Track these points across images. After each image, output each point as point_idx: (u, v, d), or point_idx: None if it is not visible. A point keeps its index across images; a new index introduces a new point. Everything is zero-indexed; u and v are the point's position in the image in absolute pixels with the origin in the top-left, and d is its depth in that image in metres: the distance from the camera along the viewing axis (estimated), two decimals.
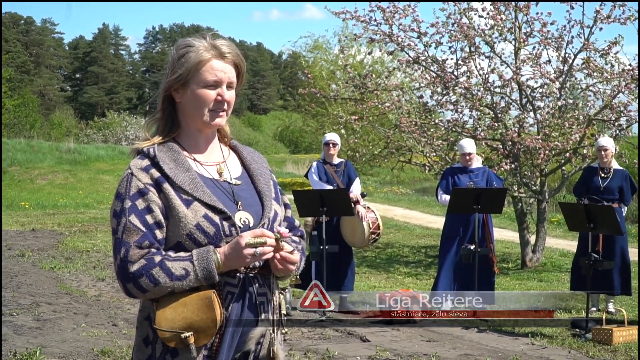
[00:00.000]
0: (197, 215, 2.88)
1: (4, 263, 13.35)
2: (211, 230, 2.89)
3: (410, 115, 15.67)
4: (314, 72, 29.63)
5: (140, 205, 2.88)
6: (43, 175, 37.99)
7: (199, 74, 2.96)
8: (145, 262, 2.81)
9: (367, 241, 10.78)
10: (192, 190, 2.91)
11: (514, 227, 19.55)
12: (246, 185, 3.11)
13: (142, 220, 2.86)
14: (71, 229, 19.08)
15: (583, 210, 9.38)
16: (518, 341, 8.90)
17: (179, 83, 2.99)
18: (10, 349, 7.74)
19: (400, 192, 36.73)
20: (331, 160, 10.87)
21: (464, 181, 10.83)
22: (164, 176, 2.92)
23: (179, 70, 2.97)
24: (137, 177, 2.92)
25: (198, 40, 3.00)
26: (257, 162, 3.22)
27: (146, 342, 2.95)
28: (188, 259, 2.82)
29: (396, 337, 9.04)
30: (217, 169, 3.08)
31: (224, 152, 3.18)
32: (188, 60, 2.96)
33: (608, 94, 14.80)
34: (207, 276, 2.82)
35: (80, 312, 9.77)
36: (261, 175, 3.17)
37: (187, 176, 2.94)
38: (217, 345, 2.89)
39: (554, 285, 13.66)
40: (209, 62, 2.97)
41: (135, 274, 2.81)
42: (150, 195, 2.89)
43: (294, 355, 7.95)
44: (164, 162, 2.95)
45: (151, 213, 2.88)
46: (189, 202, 2.90)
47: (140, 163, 2.96)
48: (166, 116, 3.07)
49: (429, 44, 15.43)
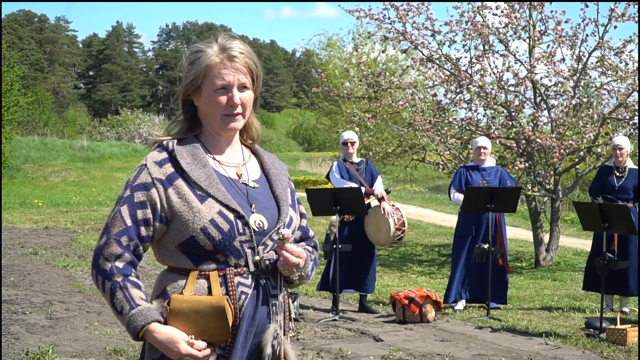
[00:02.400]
0: (212, 211, 2.89)
1: (17, 261, 13.39)
2: (225, 227, 2.88)
3: (424, 114, 15.64)
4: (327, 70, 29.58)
5: (137, 198, 2.91)
6: (56, 172, 38.15)
7: (209, 78, 2.96)
8: (107, 270, 2.87)
9: (392, 239, 10.64)
10: (206, 186, 2.92)
11: (527, 225, 19.49)
12: (263, 189, 3.11)
13: (132, 213, 2.90)
14: (84, 227, 19.10)
15: (597, 210, 9.32)
16: (532, 341, 8.86)
17: (193, 88, 3.00)
18: (22, 347, 7.72)
19: (414, 190, 36.66)
20: (351, 159, 10.81)
21: (477, 179, 10.80)
22: (179, 171, 2.93)
23: (190, 76, 2.99)
24: (149, 170, 2.94)
25: (208, 44, 3.01)
26: (276, 168, 3.21)
27: None
28: (130, 304, 2.85)
29: (409, 336, 9.01)
30: (236, 171, 3.08)
31: (245, 154, 3.18)
32: (198, 65, 2.97)
33: (622, 93, 14.76)
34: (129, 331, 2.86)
35: (92, 310, 9.77)
36: (279, 181, 3.16)
37: (203, 172, 2.95)
38: (230, 345, 2.89)
39: (567, 284, 13.62)
40: (217, 66, 2.96)
41: (99, 269, 2.89)
42: (152, 192, 2.91)
43: (307, 354, 7.91)
44: (182, 156, 2.96)
45: (144, 209, 2.90)
46: (203, 198, 2.91)
47: (157, 156, 2.98)
48: (188, 119, 3.08)
49: (443, 42, 15.41)
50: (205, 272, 2.91)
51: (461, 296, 10.93)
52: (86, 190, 32.67)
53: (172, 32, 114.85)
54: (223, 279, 2.91)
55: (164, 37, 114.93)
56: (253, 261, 2.94)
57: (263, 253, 2.97)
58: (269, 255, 2.98)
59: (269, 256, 2.98)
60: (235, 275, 2.91)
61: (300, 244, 3.18)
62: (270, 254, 2.98)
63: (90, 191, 32.15)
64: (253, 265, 2.94)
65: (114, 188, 33.64)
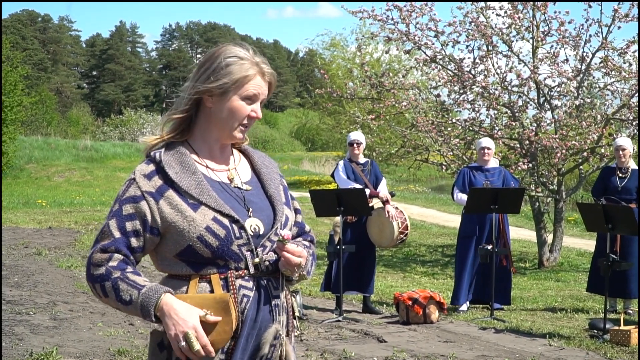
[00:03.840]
0: (206, 218, 2.87)
1: (21, 261, 13.44)
2: (221, 233, 2.88)
3: (427, 114, 15.66)
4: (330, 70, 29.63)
5: (126, 210, 2.89)
6: (60, 172, 38.24)
7: (243, 86, 2.97)
8: (103, 272, 2.84)
9: (395, 241, 10.69)
10: (198, 194, 2.91)
11: (530, 226, 19.51)
12: (256, 190, 3.11)
13: (120, 226, 2.88)
14: (88, 227, 19.15)
15: (601, 211, 9.33)
16: (535, 342, 8.86)
17: (218, 91, 2.97)
18: (27, 348, 7.75)
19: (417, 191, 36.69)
20: (357, 160, 10.83)
21: (480, 180, 10.80)
22: (169, 182, 2.92)
23: (223, 78, 2.95)
24: (138, 184, 2.92)
25: (245, 52, 3.01)
26: (267, 167, 3.21)
27: (161, 347, 2.94)
28: (138, 288, 2.81)
29: (413, 337, 9.02)
30: (227, 175, 3.07)
31: (235, 157, 3.17)
32: (234, 71, 2.96)
33: (626, 93, 14.76)
34: (144, 313, 2.80)
35: (96, 311, 9.78)
36: (271, 180, 3.16)
37: (193, 180, 2.93)
38: (232, 347, 2.89)
39: (571, 285, 13.63)
40: (252, 77, 2.98)
41: (94, 277, 2.86)
42: (142, 204, 2.89)
43: (311, 355, 7.93)
44: (170, 166, 2.94)
45: (133, 220, 2.88)
46: (196, 207, 2.89)
47: (145, 169, 2.96)
48: (188, 118, 3.05)
49: (446, 43, 15.41)
50: (207, 275, 2.90)
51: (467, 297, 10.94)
52: (89, 190, 32.74)
53: (175, 32, 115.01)
54: (225, 282, 2.89)
55: (167, 37, 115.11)
56: (253, 264, 2.94)
57: (262, 254, 2.96)
58: (269, 256, 2.98)
59: (268, 257, 2.97)
60: (236, 278, 2.91)
61: (297, 239, 3.18)
62: (270, 255, 2.98)
63: (94, 191, 32.22)
64: (253, 268, 2.94)
65: (117, 188, 33.58)
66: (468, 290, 10.86)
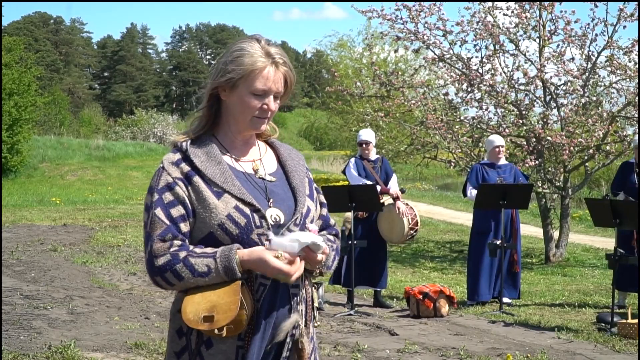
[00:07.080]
0: (228, 207, 2.92)
1: (37, 257, 13.54)
2: (242, 221, 2.92)
3: (436, 112, 15.78)
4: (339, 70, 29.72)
5: (166, 198, 2.94)
6: (73, 171, 38.39)
7: (250, 80, 2.99)
8: (170, 258, 2.86)
9: (405, 237, 10.79)
10: (222, 182, 2.96)
11: (537, 222, 19.56)
12: (280, 182, 3.14)
13: (167, 214, 2.92)
14: (101, 224, 19.25)
15: (609, 206, 9.37)
16: (544, 335, 8.89)
17: (228, 85, 3.02)
18: (45, 341, 7.82)
19: (424, 188, 36.75)
20: (368, 157, 10.92)
21: (493, 177, 10.85)
22: (195, 169, 2.98)
23: (229, 73, 3.00)
24: (167, 171, 2.98)
25: (252, 44, 3.03)
26: (293, 159, 3.24)
27: (180, 333, 2.98)
28: (211, 256, 2.85)
29: (424, 330, 9.10)
30: (252, 166, 3.12)
31: (261, 148, 3.22)
32: (241, 64, 2.99)
33: (631, 91, 14.84)
34: (229, 273, 2.84)
35: (113, 305, 9.89)
36: (296, 172, 3.20)
37: (218, 169, 2.99)
38: (249, 335, 2.91)
39: (577, 280, 13.72)
40: (261, 70, 2.99)
41: (161, 268, 2.87)
42: (177, 189, 2.94)
43: (324, 348, 8.00)
44: (195, 155, 3.00)
45: (176, 206, 2.93)
46: (220, 194, 2.94)
47: (172, 157, 3.02)
48: (211, 112, 3.11)
49: (454, 42, 15.53)
50: None
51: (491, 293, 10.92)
52: (102, 188, 32.83)
53: (185, 33, 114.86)
54: None
55: (177, 39, 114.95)
56: None
57: None
58: None
59: None
60: None
61: (321, 233, 3.18)
62: None
63: (106, 189, 32.32)
64: None
65: (129, 186, 33.86)
66: (489, 285, 10.83)
